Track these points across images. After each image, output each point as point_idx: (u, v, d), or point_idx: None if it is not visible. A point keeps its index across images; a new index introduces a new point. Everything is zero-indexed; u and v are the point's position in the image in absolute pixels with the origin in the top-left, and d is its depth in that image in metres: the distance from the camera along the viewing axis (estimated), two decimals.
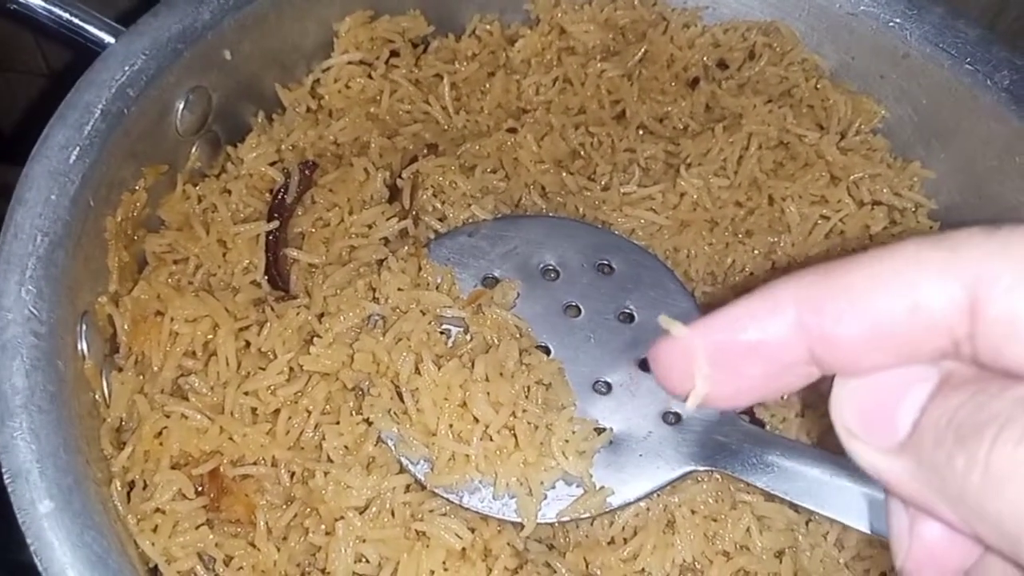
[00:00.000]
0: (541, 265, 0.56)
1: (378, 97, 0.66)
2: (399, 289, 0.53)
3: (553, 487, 0.49)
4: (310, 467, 0.50)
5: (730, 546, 0.51)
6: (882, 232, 0.66)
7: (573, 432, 0.50)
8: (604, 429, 0.51)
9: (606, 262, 0.57)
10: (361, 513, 0.49)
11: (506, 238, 0.56)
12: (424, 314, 0.52)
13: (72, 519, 0.39)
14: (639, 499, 0.50)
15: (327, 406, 0.52)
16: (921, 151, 0.69)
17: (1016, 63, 0.64)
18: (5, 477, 0.39)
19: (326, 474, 0.49)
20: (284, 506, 0.51)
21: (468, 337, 0.52)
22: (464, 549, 0.48)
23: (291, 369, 0.52)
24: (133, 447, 0.49)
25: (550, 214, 0.61)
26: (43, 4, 0.53)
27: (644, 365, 0.53)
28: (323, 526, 0.49)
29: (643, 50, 0.71)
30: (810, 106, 0.70)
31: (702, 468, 0.51)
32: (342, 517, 0.48)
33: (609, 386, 0.53)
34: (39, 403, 0.41)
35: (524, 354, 0.52)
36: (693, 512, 0.51)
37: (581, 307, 0.55)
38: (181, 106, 0.57)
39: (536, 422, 0.49)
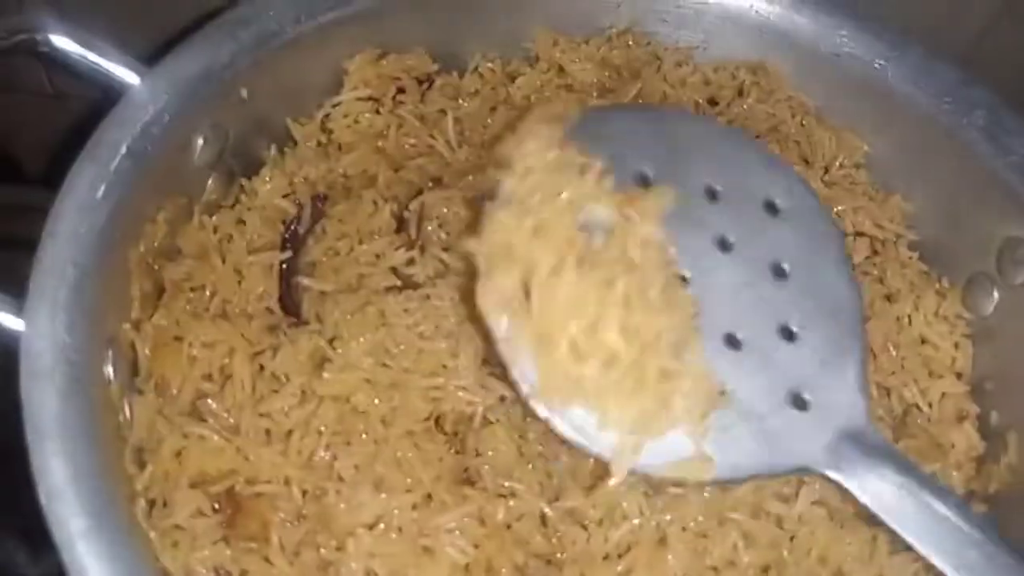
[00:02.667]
0: (703, 182, 0.51)
1: (385, 132, 0.69)
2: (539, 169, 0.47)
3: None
4: (322, 485, 0.53)
5: (718, 561, 0.54)
6: (865, 261, 0.70)
7: (696, 389, 0.47)
8: (726, 392, 0.48)
9: (775, 202, 0.53)
10: (371, 529, 0.52)
11: (669, 136, 0.51)
12: (570, 204, 0.47)
13: (105, 536, 0.42)
14: (746, 479, 0.48)
15: (338, 427, 0.54)
16: (902, 185, 0.72)
17: (992, 104, 0.67)
18: (42, 497, 0.41)
19: (337, 492, 0.52)
20: (297, 523, 0.53)
21: (609, 247, 0.47)
22: (468, 564, 0.51)
23: (303, 392, 0.55)
24: (153, 467, 0.51)
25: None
26: (75, 49, 0.56)
27: (786, 332, 0.51)
28: (334, 542, 0.52)
29: (638, 87, 0.74)
30: (796, 141, 0.74)
31: (820, 471, 0.48)
32: (352, 533, 0.51)
33: (739, 344, 0.49)
34: (72, 426, 0.44)
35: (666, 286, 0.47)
36: (684, 529, 0.54)
37: (734, 243, 0.51)
38: (200, 142, 0.60)
39: (667, 366, 0.46)
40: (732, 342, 0.50)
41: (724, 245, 0.51)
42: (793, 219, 0.53)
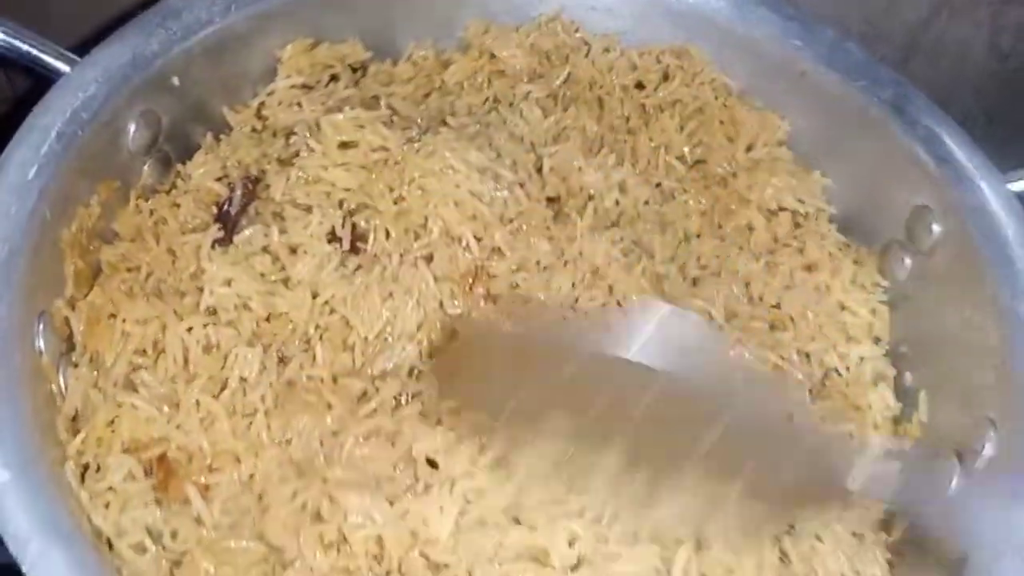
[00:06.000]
0: None
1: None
2: None
3: None
4: (251, 452, 0.56)
5: None
6: (786, 235, 0.73)
7: None
8: None
9: None
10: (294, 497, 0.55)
11: None
12: None
13: (29, 489, 0.44)
14: None
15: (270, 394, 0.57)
16: (821, 161, 0.75)
17: (899, 80, 0.70)
18: None
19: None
20: (228, 487, 0.56)
21: None
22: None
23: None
24: (87, 433, 0.54)
25: None
26: (3, 38, 0.58)
27: None
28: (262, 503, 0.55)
29: (567, 72, 0.77)
30: (720, 122, 0.77)
31: None
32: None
33: None
34: None
35: None
36: None
37: None
38: (132, 128, 0.62)
39: None
40: None
41: None
42: None
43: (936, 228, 0.67)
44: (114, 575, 0.46)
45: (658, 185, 0.74)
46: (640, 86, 0.78)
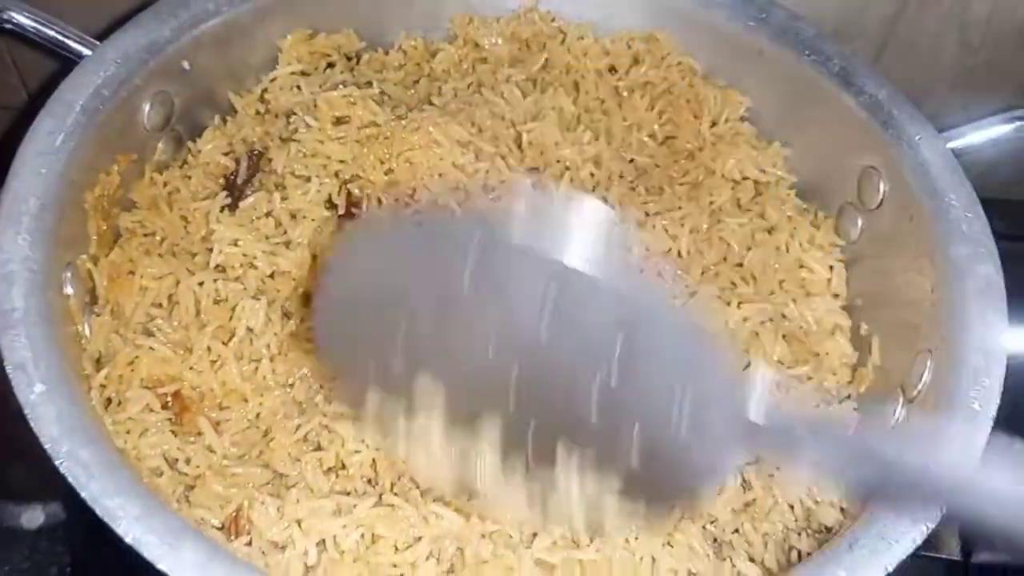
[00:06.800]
0: None
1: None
2: None
3: None
4: (257, 393, 0.62)
5: None
6: (748, 202, 0.79)
7: None
8: None
9: None
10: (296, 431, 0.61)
11: None
12: None
13: (61, 401, 0.50)
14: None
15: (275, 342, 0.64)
16: (780, 132, 0.81)
17: (845, 53, 0.77)
18: (8, 368, 0.50)
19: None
20: (237, 423, 0.62)
21: None
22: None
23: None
24: (109, 371, 0.60)
25: None
26: (33, 24, 0.65)
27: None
28: (267, 437, 0.61)
29: (544, 58, 0.84)
30: (687, 100, 0.83)
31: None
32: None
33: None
34: (33, 320, 0.53)
35: None
36: None
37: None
38: (148, 107, 0.69)
39: None
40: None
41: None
42: None
43: (883, 186, 0.72)
44: (136, 474, 0.51)
45: (631, 161, 0.80)
46: (612, 70, 0.84)
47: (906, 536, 0.52)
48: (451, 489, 0.54)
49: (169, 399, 0.61)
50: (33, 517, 0.76)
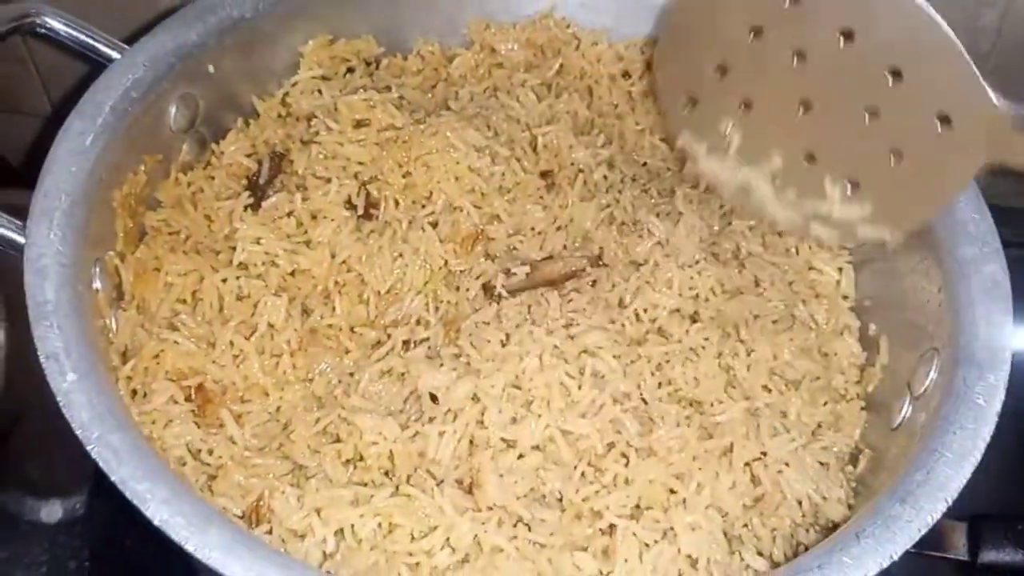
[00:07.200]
0: None
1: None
2: None
3: None
4: (277, 387, 0.64)
5: None
6: None
7: None
8: None
9: None
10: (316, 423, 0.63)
11: None
12: None
13: (91, 389, 0.52)
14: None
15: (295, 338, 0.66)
16: None
17: None
18: (41, 357, 0.52)
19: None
20: (258, 415, 0.64)
21: None
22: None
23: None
24: (135, 363, 0.62)
25: None
26: (65, 28, 0.68)
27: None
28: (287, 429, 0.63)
29: (559, 64, 0.86)
30: None
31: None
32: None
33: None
34: (64, 312, 0.55)
35: None
36: None
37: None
38: (174, 109, 0.71)
39: None
40: None
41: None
42: None
43: None
44: (163, 461, 0.53)
45: (644, 164, 0.82)
46: (626, 75, 0.86)
47: (911, 526, 0.53)
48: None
49: (192, 391, 0.63)
50: (52, 512, 0.78)
